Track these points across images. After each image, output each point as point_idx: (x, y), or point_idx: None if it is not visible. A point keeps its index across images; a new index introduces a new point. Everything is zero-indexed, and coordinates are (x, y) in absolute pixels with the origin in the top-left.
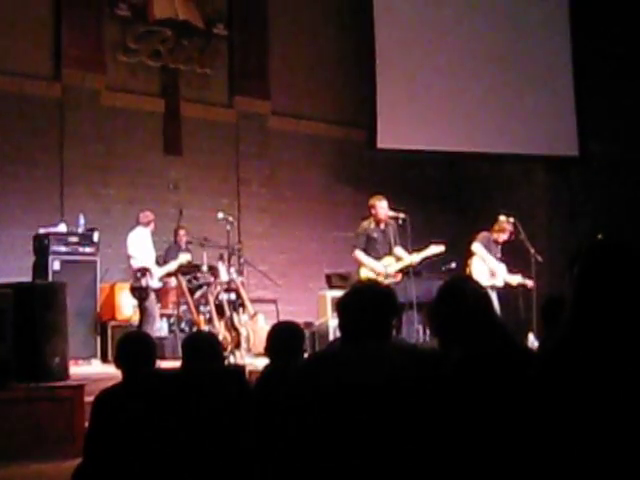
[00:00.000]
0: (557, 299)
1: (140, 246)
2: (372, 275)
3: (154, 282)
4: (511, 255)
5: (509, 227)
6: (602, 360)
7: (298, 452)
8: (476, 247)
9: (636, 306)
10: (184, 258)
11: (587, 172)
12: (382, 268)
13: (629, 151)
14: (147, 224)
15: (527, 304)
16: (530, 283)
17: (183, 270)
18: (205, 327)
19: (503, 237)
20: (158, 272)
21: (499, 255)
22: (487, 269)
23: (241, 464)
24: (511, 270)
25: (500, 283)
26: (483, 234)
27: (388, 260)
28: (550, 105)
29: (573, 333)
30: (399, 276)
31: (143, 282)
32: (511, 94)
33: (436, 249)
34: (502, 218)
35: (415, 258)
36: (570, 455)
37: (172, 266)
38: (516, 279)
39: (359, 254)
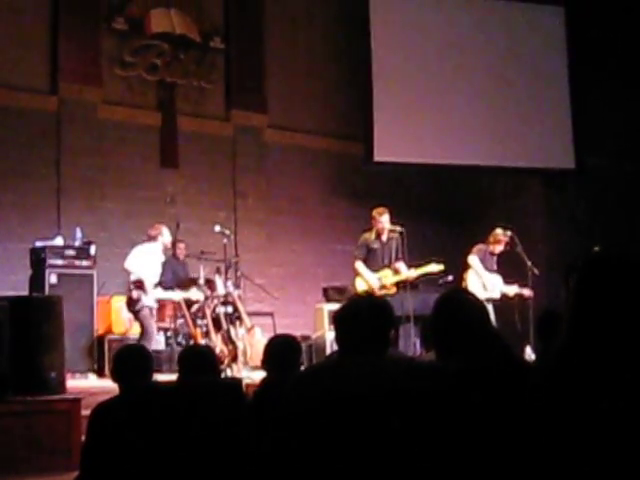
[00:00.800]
0: (553, 313)
1: (139, 262)
2: (366, 287)
3: (148, 299)
4: (508, 268)
5: (505, 238)
6: (601, 374)
7: (296, 465)
8: (472, 260)
9: (635, 319)
10: (195, 295)
11: (583, 185)
12: (376, 282)
13: (625, 164)
14: (153, 238)
15: (524, 316)
16: (527, 292)
17: (180, 284)
18: (202, 340)
19: (499, 248)
20: (159, 294)
21: (495, 267)
22: (480, 283)
23: (238, 477)
24: (507, 281)
25: (496, 295)
26: (479, 247)
27: (385, 272)
28: (546, 118)
29: (571, 347)
30: (394, 288)
31: (134, 294)
32: (507, 107)
33: (435, 267)
34: (498, 230)
35: (413, 273)
36: (566, 470)
37: (176, 296)
38: (513, 289)
39: (359, 265)
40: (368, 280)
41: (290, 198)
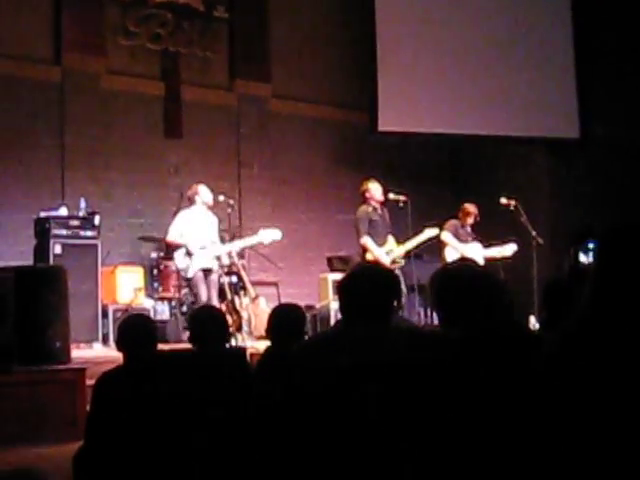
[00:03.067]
0: (558, 283)
1: (177, 229)
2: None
3: (198, 263)
4: (513, 237)
5: (474, 210)
6: (624, 343)
7: (299, 433)
8: (445, 236)
9: None
10: (258, 239)
11: (588, 154)
12: (387, 259)
13: (630, 133)
14: (191, 201)
15: (528, 286)
16: (508, 251)
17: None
18: None
19: (470, 221)
20: (213, 251)
21: (471, 237)
22: (459, 256)
23: (242, 446)
24: (487, 245)
25: (481, 263)
26: (450, 222)
27: (390, 245)
28: (551, 87)
29: (593, 316)
30: (403, 261)
31: (180, 264)
32: (512, 76)
33: (431, 232)
34: (467, 204)
35: (413, 243)
36: (580, 439)
37: (233, 246)
38: (494, 251)
39: (367, 241)
40: (379, 257)
41: (294, 168)
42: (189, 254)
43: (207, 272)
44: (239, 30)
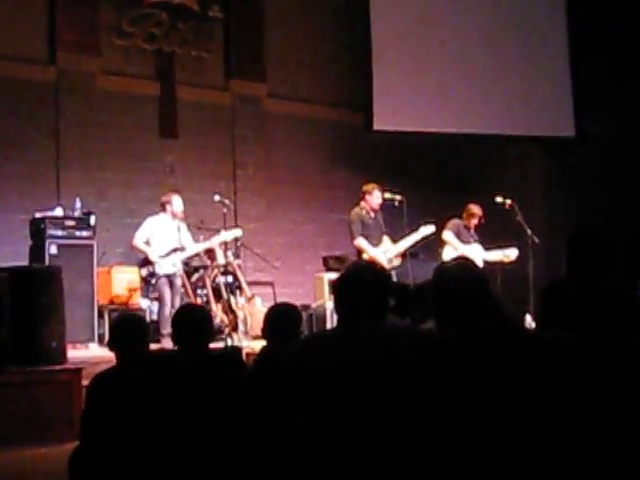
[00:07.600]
0: (557, 283)
1: (142, 235)
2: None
3: (162, 268)
4: (508, 237)
5: (478, 212)
6: None
7: (295, 432)
8: (447, 235)
9: None
10: (221, 238)
11: (584, 153)
12: (384, 258)
13: (626, 132)
14: (162, 208)
15: (524, 285)
16: (511, 256)
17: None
18: None
19: (474, 222)
20: (178, 256)
21: (472, 239)
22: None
23: (238, 446)
24: (487, 248)
25: (479, 265)
26: (453, 221)
27: (386, 245)
28: (547, 86)
29: None
30: (399, 259)
31: (143, 272)
32: (508, 75)
33: (427, 230)
34: (471, 205)
35: (409, 241)
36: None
37: (197, 248)
38: (495, 254)
39: (362, 242)
40: (375, 257)
41: (290, 167)
42: (150, 263)
43: (171, 277)
44: (234, 30)
